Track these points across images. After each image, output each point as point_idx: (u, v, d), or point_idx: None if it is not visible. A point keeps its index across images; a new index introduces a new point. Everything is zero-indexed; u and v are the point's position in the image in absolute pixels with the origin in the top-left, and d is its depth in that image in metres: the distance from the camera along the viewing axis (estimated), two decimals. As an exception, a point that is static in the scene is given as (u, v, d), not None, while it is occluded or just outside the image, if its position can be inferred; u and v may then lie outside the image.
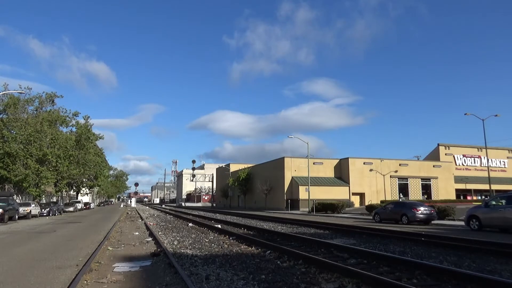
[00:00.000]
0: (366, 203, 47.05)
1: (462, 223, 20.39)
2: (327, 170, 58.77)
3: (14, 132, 39.02)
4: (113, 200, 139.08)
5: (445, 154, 69.17)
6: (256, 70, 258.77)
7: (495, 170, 68.69)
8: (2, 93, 37.76)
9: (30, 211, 31.52)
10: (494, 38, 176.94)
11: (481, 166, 69.82)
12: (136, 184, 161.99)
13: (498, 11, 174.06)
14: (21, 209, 30.05)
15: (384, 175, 55.64)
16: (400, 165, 60.14)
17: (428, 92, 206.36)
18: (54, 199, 49.65)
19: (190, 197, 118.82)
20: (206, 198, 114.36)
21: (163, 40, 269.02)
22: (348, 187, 56.62)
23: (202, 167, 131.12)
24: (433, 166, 63.15)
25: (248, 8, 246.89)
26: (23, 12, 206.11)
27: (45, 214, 35.31)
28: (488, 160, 48.38)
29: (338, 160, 60.36)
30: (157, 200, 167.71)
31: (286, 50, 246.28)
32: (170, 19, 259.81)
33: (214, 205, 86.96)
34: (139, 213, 41.07)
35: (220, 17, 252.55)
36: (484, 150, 51.93)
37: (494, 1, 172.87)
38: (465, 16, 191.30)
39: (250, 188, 67.79)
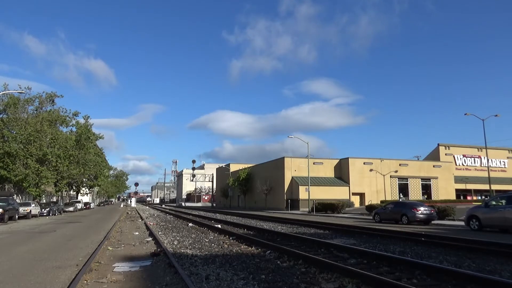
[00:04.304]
0: (366, 203, 47.07)
1: (462, 223, 20.39)
2: (327, 170, 58.79)
3: (14, 132, 39.00)
4: (113, 200, 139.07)
5: (445, 154, 69.21)
6: (257, 67, 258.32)
7: (495, 170, 68.73)
8: (2, 93, 37.74)
9: (30, 211, 31.54)
10: (494, 38, 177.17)
11: (481, 166, 69.86)
12: (136, 184, 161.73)
13: (498, 11, 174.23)
14: (21, 209, 30.07)
15: (384, 175, 55.65)
16: (400, 165, 60.16)
17: (428, 92, 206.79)
18: (54, 199, 49.70)
19: (190, 197, 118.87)
20: (206, 198, 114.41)
21: (162, 37, 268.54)
22: (348, 187, 56.63)
23: (202, 167, 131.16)
24: (433, 166, 63.17)
25: (248, 3, 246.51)
26: (16, 7, 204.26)
27: (45, 214, 35.31)
28: (488, 160, 48.41)
29: (338, 160, 60.38)
30: (157, 200, 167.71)
31: (287, 47, 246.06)
32: (169, 15, 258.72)
33: (214, 205, 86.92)
34: (139, 213, 41.06)
35: (220, 13, 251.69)
36: (484, 150, 51.95)
37: (494, 1, 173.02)
38: (465, 15, 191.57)
39: (250, 188, 67.79)
